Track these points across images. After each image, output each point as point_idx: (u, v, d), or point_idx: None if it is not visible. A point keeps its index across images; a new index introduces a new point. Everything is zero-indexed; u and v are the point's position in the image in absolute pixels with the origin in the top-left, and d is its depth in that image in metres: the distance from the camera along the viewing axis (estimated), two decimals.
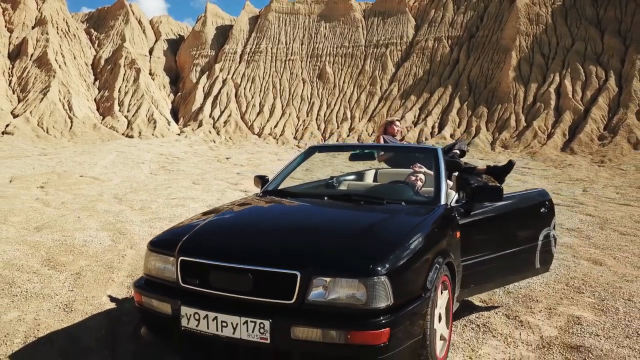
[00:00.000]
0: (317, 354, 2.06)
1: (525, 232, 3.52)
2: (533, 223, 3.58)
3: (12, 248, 5.28)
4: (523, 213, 3.53)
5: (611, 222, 7.86)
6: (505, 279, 3.48)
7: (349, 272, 2.13)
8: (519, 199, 3.62)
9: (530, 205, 3.63)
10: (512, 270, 3.43)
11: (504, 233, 3.36)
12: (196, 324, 2.16)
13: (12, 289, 3.88)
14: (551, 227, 3.66)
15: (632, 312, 3.53)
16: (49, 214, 7.76)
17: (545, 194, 3.83)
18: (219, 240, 2.54)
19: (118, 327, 3.19)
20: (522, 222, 3.53)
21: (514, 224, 3.46)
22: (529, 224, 3.57)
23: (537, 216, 3.61)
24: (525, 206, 3.59)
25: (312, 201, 3.38)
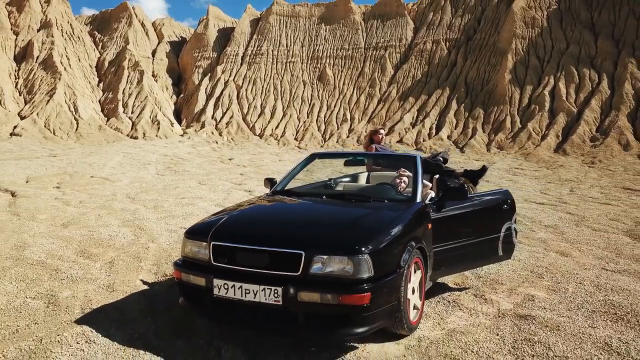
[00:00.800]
0: (317, 312, 2.75)
1: (489, 225, 4.18)
2: (496, 217, 4.25)
3: (48, 242, 5.98)
4: (488, 209, 4.21)
5: (587, 220, 8.55)
6: (472, 263, 4.16)
7: (341, 251, 2.81)
8: (485, 197, 4.33)
9: (494, 203, 4.30)
10: (477, 256, 4.11)
11: (471, 225, 4.04)
12: (225, 292, 2.85)
13: (59, 274, 4.58)
14: (512, 221, 4.35)
15: (579, 292, 4.22)
16: (71, 212, 8.46)
17: (508, 193, 4.53)
18: (243, 229, 3.24)
19: (154, 303, 3.88)
20: (486, 216, 4.19)
21: (480, 218, 4.13)
22: (493, 218, 4.23)
23: (500, 212, 4.28)
24: (490, 203, 4.28)
25: (313, 199, 4.10)
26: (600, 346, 3.08)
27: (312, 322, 2.76)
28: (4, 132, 28.06)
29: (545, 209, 10.00)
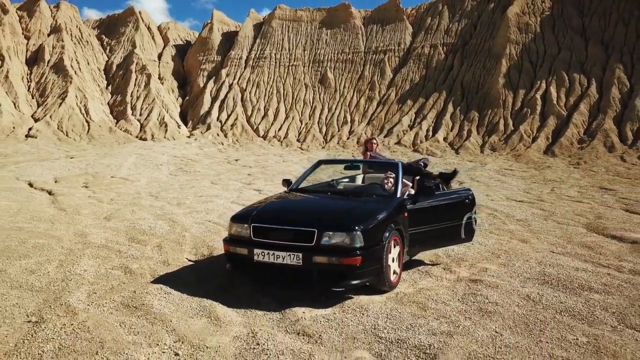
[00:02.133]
0: (326, 269, 4.02)
1: (453, 215, 5.43)
2: (459, 209, 5.50)
3: (101, 231, 7.28)
4: (452, 203, 5.47)
5: (555, 215, 9.84)
6: (439, 243, 5.42)
7: (341, 229, 4.08)
8: (451, 194, 5.62)
9: (458, 198, 5.57)
10: (444, 237, 5.36)
11: (438, 214, 5.29)
12: (262, 258, 4.12)
13: (123, 254, 5.86)
14: (472, 212, 5.63)
15: (523, 266, 5.50)
16: (107, 208, 9.76)
17: (470, 191, 5.82)
18: (274, 215, 4.52)
19: (201, 273, 5.16)
20: (451, 208, 5.44)
21: (446, 209, 5.38)
22: (456, 210, 5.47)
23: (462, 205, 5.54)
24: (455, 199, 5.55)
25: (321, 195, 5.41)
26: (522, 297, 4.36)
27: (322, 276, 4.03)
28: (20, 134, 29.38)
29: (523, 206, 11.29)
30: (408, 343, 3.29)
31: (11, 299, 3.98)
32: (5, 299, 3.96)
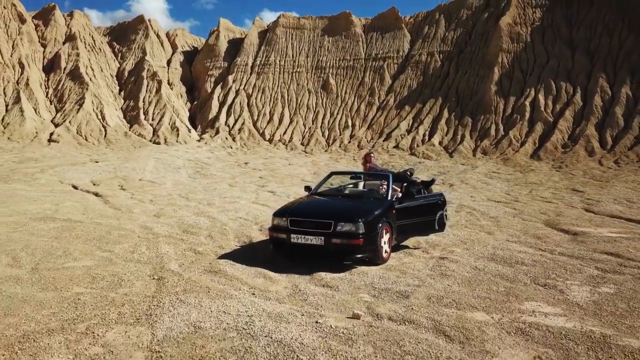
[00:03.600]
0: (339, 248, 6.02)
1: (429, 212, 7.41)
2: (433, 208, 7.50)
3: (159, 225, 9.29)
4: (428, 203, 7.49)
5: (523, 213, 11.86)
6: (419, 232, 7.42)
7: (349, 221, 6.08)
8: (428, 197, 7.66)
9: (432, 200, 7.61)
10: (422, 228, 7.35)
11: (418, 212, 7.29)
12: (297, 240, 6.11)
13: (186, 241, 7.87)
14: (444, 210, 7.66)
15: (481, 250, 7.50)
16: (152, 208, 11.77)
17: (442, 195, 7.87)
18: (304, 211, 6.51)
19: (248, 253, 7.17)
20: (427, 207, 7.44)
21: (423, 208, 7.38)
22: (431, 208, 7.47)
23: (436, 205, 7.56)
24: (430, 200, 7.59)
25: (333, 197, 7.44)
26: (472, 267, 6.37)
27: (337, 252, 6.05)
28: (43, 139, 31.45)
29: (499, 205, 13.32)
30: (392, 290, 5.30)
31: (131, 268, 6.00)
32: (128, 268, 5.98)
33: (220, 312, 4.36)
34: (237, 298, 4.81)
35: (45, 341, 3.64)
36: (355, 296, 5.07)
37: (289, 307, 4.64)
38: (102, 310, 4.35)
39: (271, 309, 4.52)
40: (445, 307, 4.73)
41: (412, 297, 5.06)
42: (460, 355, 3.63)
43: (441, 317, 4.42)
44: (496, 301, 4.97)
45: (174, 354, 3.48)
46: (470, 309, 4.69)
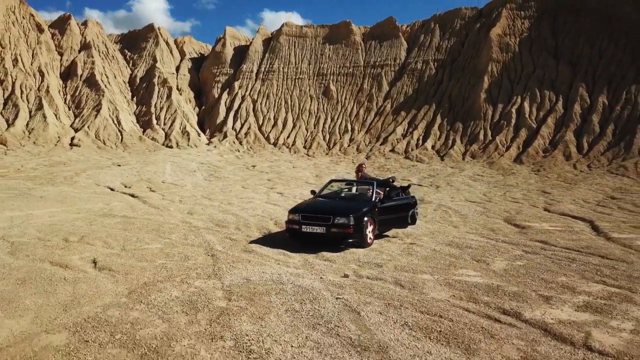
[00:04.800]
0: (336, 235, 8.48)
1: (403, 209, 9.91)
2: (407, 207, 10.01)
3: (195, 221, 11.79)
4: (403, 204, 10.00)
5: (490, 212, 14.36)
6: (396, 225, 9.92)
7: (343, 216, 8.51)
8: (403, 198, 10.17)
9: (406, 201, 10.12)
10: (398, 222, 9.85)
11: (395, 210, 9.78)
12: (306, 229, 8.54)
13: (220, 232, 10.36)
14: (415, 208, 10.19)
15: (443, 239, 9.98)
16: (183, 207, 14.28)
17: (414, 197, 10.40)
18: (311, 208, 8.98)
19: (269, 239, 9.66)
20: (402, 206, 9.93)
21: (399, 207, 9.87)
22: (405, 207, 9.97)
23: (409, 204, 10.07)
24: (405, 201, 10.11)
25: (332, 198, 9.97)
26: (432, 250, 8.86)
27: (335, 238, 8.54)
28: (65, 143, 33.99)
29: (472, 205, 15.82)
30: (371, 262, 7.79)
31: (190, 249, 8.50)
32: (187, 249, 8.48)
33: (259, 272, 6.88)
34: (269, 265, 7.34)
35: (160, 285, 6.15)
36: (346, 265, 7.58)
37: (303, 270, 7.16)
38: (185, 272, 6.86)
39: (291, 271, 7.04)
40: (405, 272, 7.24)
41: (384, 266, 7.57)
42: (407, 294, 6.13)
43: (400, 276, 6.94)
44: (439, 269, 7.48)
45: (237, 292, 5.98)
46: (421, 273, 7.21)
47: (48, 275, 6.42)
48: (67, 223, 10.51)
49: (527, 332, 4.87)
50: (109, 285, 6.13)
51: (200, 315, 5.06)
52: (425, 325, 4.94)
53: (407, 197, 10.40)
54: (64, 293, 5.72)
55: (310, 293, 5.93)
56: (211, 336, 4.52)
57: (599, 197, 17.72)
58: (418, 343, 4.51)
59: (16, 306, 5.22)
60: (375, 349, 4.35)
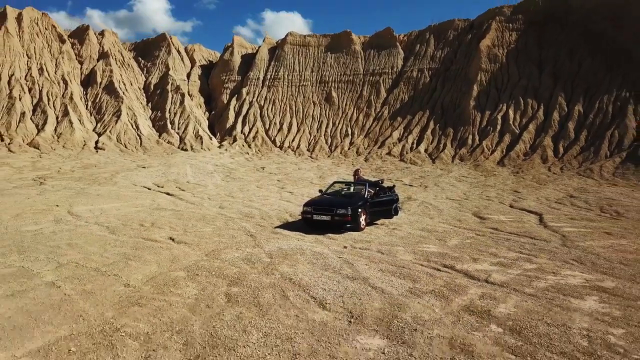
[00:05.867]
0: (338, 221, 11.73)
1: (388, 204, 13.14)
2: (391, 202, 13.25)
3: (228, 213, 15.07)
4: (388, 199, 13.27)
5: (463, 207, 17.62)
6: (383, 216, 13.15)
7: (343, 208, 11.75)
8: (388, 196, 13.43)
9: (390, 197, 13.40)
10: (384, 214, 13.09)
11: (382, 204, 13.03)
12: (317, 217, 11.78)
13: (250, 221, 13.62)
14: (398, 203, 13.45)
15: (419, 226, 13.21)
16: (214, 202, 17.56)
17: (397, 195, 13.69)
18: (319, 202, 12.24)
19: (289, 225, 12.92)
20: (387, 201, 13.20)
21: (385, 202, 13.13)
22: (390, 202, 13.21)
23: (392, 200, 13.31)
24: (389, 197, 13.38)
25: (335, 195, 13.25)
26: (407, 233, 12.11)
27: (337, 224, 11.77)
28: (91, 147, 37.28)
29: (451, 202, 19.09)
30: (363, 240, 11.04)
31: (233, 231, 11.77)
32: (231, 231, 11.75)
33: (287, 244, 10.16)
34: (292, 240, 10.64)
35: (224, 251, 9.43)
36: (345, 241, 10.87)
37: (315, 244, 10.44)
38: (236, 244, 10.14)
39: (308, 244, 10.32)
40: (385, 245, 10.52)
41: (371, 242, 10.85)
42: (384, 256, 9.39)
43: (382, 248, 10.21)
44: (410, 244, 10.76)
45: (275, 254, 9.24)
46: (396, 246, 10.48)
47: (148, 245, 9.72)
48: (133, 214, 13.82)
49: (453, 275, 8.14)
50: (190, 251, 9.42)
51: (256, 265, 8.36)
52: (393, 271, 8.23)
53: (392, 195, 13.71)
54: (166, 254, 9.01)
55: (321, 255, 9.22)
56: (267, 273, 7.80)
57: (559, 196, 20.98)
58: (386, 277, 7.79)
59: (142, 261, 8.50)
60: (360, 279, 7.62)
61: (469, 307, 6.35)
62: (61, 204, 15.02)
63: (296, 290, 6.89)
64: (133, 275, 7.44)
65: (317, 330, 5.42)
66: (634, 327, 5.74)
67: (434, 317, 5.93)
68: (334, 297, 6.61)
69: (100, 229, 11.37)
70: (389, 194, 13.72)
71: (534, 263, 9.12)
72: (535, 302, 6.64)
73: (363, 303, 6.37)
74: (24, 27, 46.26)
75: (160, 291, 6.68)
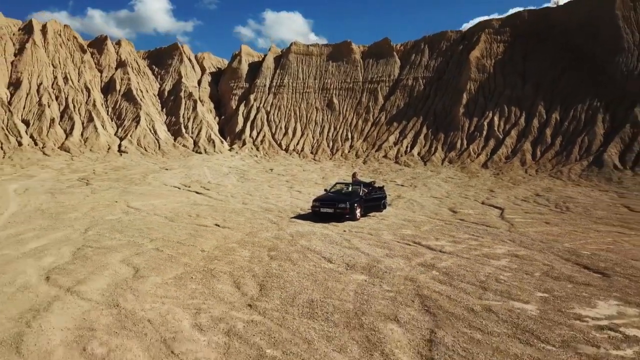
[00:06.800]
0: (339, 214, 15.49)
1: (378, 200, 16.88)
2: (380, 199, 17.01)
3: (252, 208, 18.84)
4: (378, 196, 17.04)
5: (442, 204, 21.38)
6: (373, 210, 16.90)
7: (343, 202, 15.50)
8: (378, 194, 17.20)
9: (380, 194, 17.18)
10: (375, 208, 16.82)
11: (373, 200, 16.76)
12: (323, 210, 15.51)
13: (270, 213, 17.38)
14: (385, 200, 17.23)
15: (402, 217, 16.97)
16: (237, 199, 21.35)
17: (385, 192, 17.48)
18: (325, 198, 15.97)
19: (302, 217, 16.69)
20: (377, 198, 16.95)
21: (375, 198, 16.87)
22: (379, 199, 16.97)
23: (381, 197, 17.09)
24: (379, 194, 17.16)
25: (337, 193, 17.03)
26: (392, 222, 15.85)
27: (338, 215, 15.51)
28: (115, 150, 41.06)
29: (433, 200, 22.86)
30: (357, 227, 14.77)
31: (261, 220, 15.53)
32: (260, 220, 15.50)
33: (302, 228, 13.94)
34: (305, 226, 14.42)
35: (257, 233, 13.21)
36: (344, 227, 14.64)
37: (323, 229, 14.21)
38: (265, 229, 13.92)
39: (317, 229, 14.10)
40: (374, 230, 14.29)
41: (364, 228, 14.62)
42: (372, 237, 13.16)
43: (371, 232, 13.98)
44: (393, 229, 14.53)
45: (295, 234, 13.00)
46: (382, 230, 14.26)
47: (202, 229, 13.50)
48: (178, 208, 17.62)
49: (418, 247, 11.91)
50: (234, 232, 13.20)
51: (283, 240, 12.13)
52: (377, 244, 12.00)
53: (381, 193, 17.49)
54: (218, 234, 12.79)
55: (327, 235, 13.00)
56: (291, 245, 11.58)
57: (527, 195, 24.74)
58: (372, 248, 11.55)
59: (204, 238, 12.26)
60: (354, 248, 11.39)
61: (422, 263, 10.12)
62: (118, 201, 18.83)
63: (312, 254, 10.67)
64: (203, 245, 11.23)
65: (327, 272, 9.20)
66: (518, 272, 9.51)
67: (399, 267, 9.71)
68: (336, 257, 10.39)
69: (161, 218, 15.17)
70: (379, 193, 17.52)
71: (478, 241, 12.88)
72: (465, 261, 10.42)
73: (355, 260, 10.16)
74: (48, 38, 50.07)
75: (226, 254, 10.46)
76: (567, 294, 8.07)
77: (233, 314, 6.67)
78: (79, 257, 9.61)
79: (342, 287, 8.13)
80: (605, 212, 19.22)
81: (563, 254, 11.26)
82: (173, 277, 8.40)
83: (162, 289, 7.67)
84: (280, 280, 8.42)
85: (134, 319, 6.34)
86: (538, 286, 8.50)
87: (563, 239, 13.26)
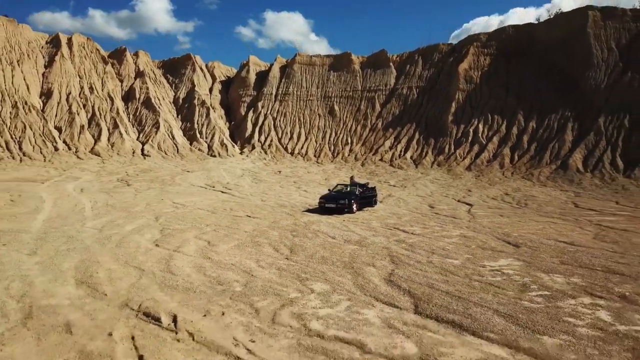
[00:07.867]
0: (340, 209, 20.17)
1: (370, 197, 21.59)
2: (372, 197, 21.74)
3: (270, 204, 23.52)
4: (370, 195, 21.77)
5: (425, 201, 26.10)
6: (367, 206, 21.60)
7: (343, 200, 20.20)
8: (370, 192, 21.93)
9: (372, 192, 21.92)
10: (368, 204, 21.51)
11: (367, 198, 21.43)
12: (327, 205, 20.17)
13: (285, 208, 22.04)
14: (376, 197, 21.96)
15: (388, 211, 21.60)
16: (257, 197, 26.07)
17: (376, 192, 22.25)
18: (329, 196, 20.62)
19: (312, 211, 21.36)
20: (370, 197, 21.66)
21: (369, 197, 21.57)
22: (371, 196, 21.69)
23: (373, 195, 21.83)
24: (371, 193, 21.91)
25: (338, 192, 21.76)
26: (381, 215, 20.55)
27: (339, 210, 20.18)
28: (138, 154, 45.80)
29: (418, 198, 27.56)
30: (354, 218, 19.39)
31: (280, 213, 20.23)
32: (279, 213, 20.20)
33: (312, 218, 18.66)
34: (314, 217, 19.14)
35: (279, 222, 17.92)
36: (344, 218, 19.37)
37: (328, 219, 18.94)
38: (284, 219, 18.63)
39: (324, 218, 18.81)
40: (366, 220, 18.99)
41: (359, 219, 19.35)
42: (365, 224, 17.88)
43: (364, 221, 18.70)
44: (380, 220, 19.24)
45: (307, 222, 17.68)
46: (372, 220, 18.95)
47: (238, 219, 18.21)
48: (213, 204, 22.34)
49: (397, 231, 16.61)
50: (262, 221, 17.92)
51: (299, 226, 16.84)
52: (367, 228, 16.71)
53: (373, 192, 22.25)
54: (253, 222, 17.50)
55: (331, 223, 17.73)
56: (306, 228, 16.28)
57: (497, 194, 29.45)
58: (363, 231, 16.26)
59: (243, 224, 16.96)
60: (351, 231, 16.10)
61: (396, 240, 14.84)
62: (164, 199, 23.57)
63: (321, 234, 15.39)
64: (245, 228, 15.97)
65: (332, 244, 13.90)
66: (460, 245, 14.22)
67: (380, 242, 14.42)
68: (338, 236, 15.11)
69: (204, 211, 19.90)
70: (372, 192, 22.26)
71: (442, 227, 17.60)
72: (427, 239, 15.14)
73: (350, 237, 14.88)
74: (74, 51, 54.83)
75: (262, 233, 15.18)
76: (485, 256, 12.79)
77: (278, 262, 11.41)
78: (166, 234, 14.37)
79: (341, 251, 12.88)
80: (554, 207, 23.90)
81: (499, 235, 15.96)
82: (234, 246, 13.15)
83: (231, 251, 12.42)
84: (302, 247, 13.16)
85: (223, 264, 11.08)
86: (469, 252, 13.23)
87: (505, 227, 17.96)
